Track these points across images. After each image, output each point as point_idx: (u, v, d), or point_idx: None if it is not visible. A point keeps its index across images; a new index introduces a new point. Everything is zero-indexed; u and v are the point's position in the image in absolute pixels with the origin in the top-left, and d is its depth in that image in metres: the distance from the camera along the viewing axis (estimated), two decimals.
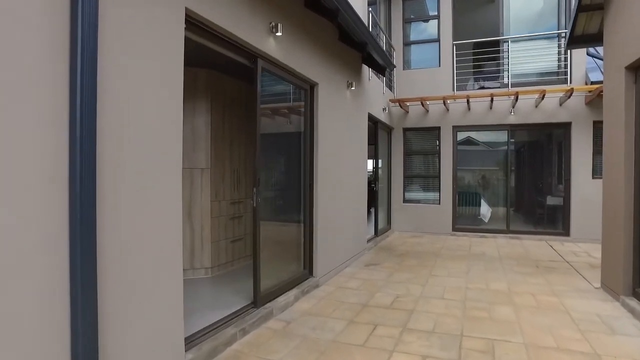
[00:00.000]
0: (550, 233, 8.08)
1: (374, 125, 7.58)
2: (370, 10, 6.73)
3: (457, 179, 8.72)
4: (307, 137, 4.56)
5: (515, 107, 8.00)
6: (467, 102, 8.15)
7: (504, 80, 8.38)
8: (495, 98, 7.94)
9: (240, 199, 5.17)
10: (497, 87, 8.67)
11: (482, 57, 8.98)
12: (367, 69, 6.57)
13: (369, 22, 6.60)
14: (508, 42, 8.28)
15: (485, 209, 8.82)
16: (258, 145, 3.54)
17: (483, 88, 9.03)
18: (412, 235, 8.49)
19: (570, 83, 7.68)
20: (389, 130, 8.96)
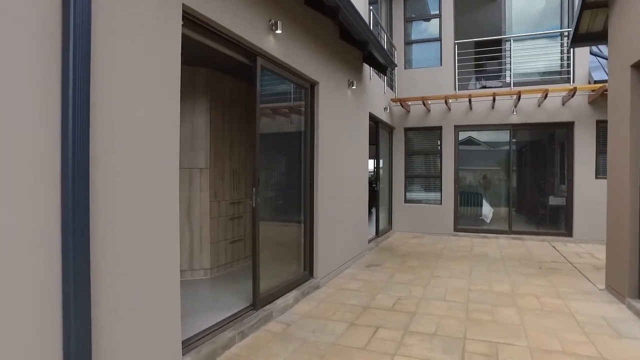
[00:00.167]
0: (553, 234, 8.01)
1: (375, 125, 7.53)
2: (372, 9, 6.69)
3: (458, 179, 8.66)
4: (307, 136, 4.51)
5: (518, 106, 7.93)
6: (469, 101, 8.09)
7: (506, 80, 8.31)
8: (498, 97, 7.88)
9: (240, 199, 5.12)
10: (499, 86, 8.61)
11: (484, 56, 8.92)
12: (368, 68, 6.51)
13: (370, 20, 6.55)
14: (510, 41, 8.21)
15: (487, 210, 8.76)
16: (258, 145, 3.49)
17: (485, 87, 8.97)
18: (413, 236, 8.42)
19: (573, 82, 7.61)
20: (390, 130, 8.91)
